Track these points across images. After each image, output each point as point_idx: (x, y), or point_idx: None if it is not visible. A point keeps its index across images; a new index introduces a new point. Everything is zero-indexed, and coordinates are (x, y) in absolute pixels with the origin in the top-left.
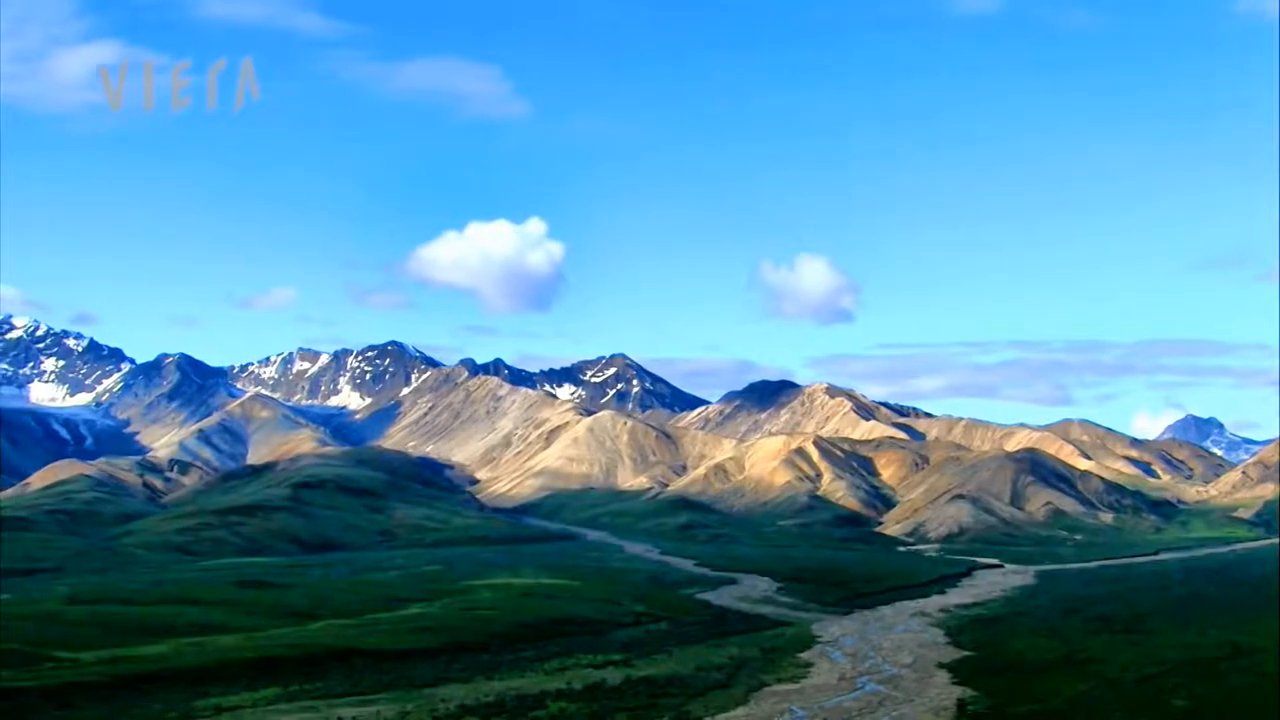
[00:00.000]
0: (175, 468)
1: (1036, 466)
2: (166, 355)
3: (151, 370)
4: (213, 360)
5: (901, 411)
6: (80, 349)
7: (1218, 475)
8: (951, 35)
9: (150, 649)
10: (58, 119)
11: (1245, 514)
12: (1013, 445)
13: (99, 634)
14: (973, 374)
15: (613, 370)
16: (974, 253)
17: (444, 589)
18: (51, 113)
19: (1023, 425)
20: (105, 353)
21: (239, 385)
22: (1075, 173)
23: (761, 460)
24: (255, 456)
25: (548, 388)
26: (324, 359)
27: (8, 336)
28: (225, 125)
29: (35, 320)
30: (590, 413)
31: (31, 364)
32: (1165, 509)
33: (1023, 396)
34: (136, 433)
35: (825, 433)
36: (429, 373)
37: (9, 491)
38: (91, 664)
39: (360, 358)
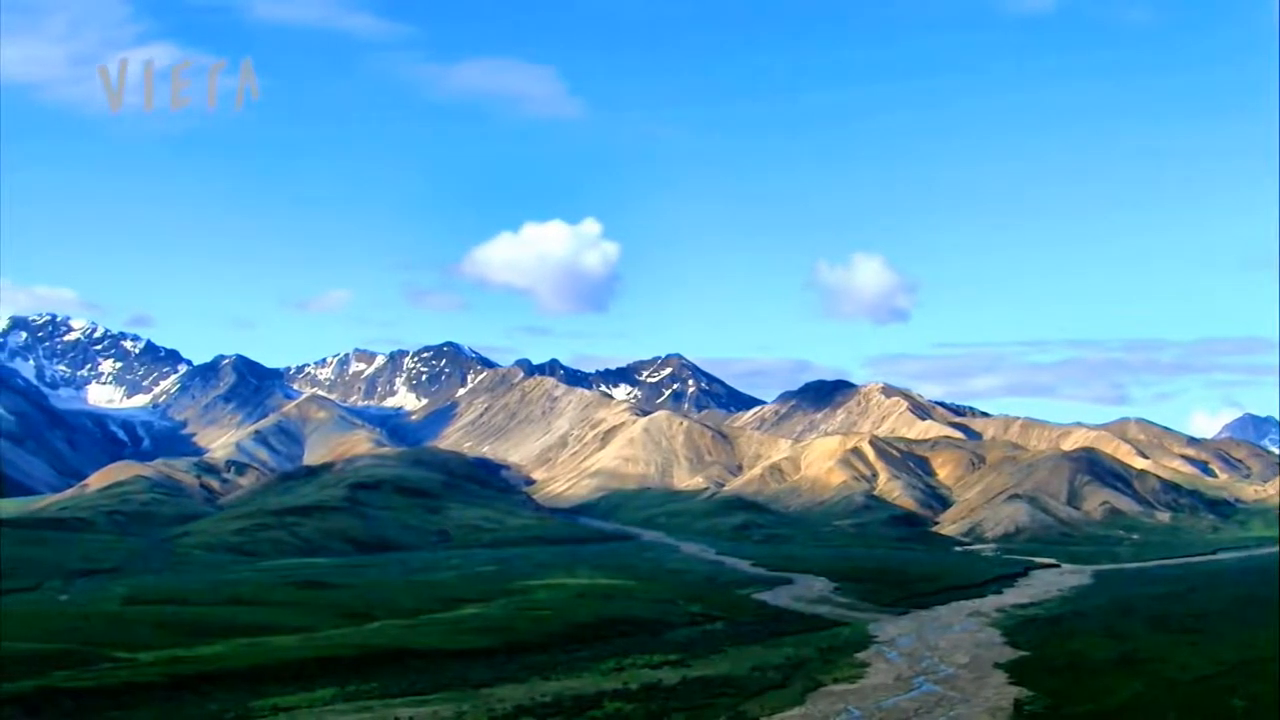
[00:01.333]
0: (232, 469)
1: (1093, 466)
2: (223, 357)
3: (208, 372)
4: (269, 362)
5: (958, 411)
6: (137, 350)
7: (1276, 474)
8: (1006, 33)
9: (208, 649)
10: (114, 121)
11: None
12: (1069, 444)
13: (157, 634)
14: (1029, 373)
15: (668, 370)
16: (1030, 251)
17: (500, 589)
18: (108, 115)
19: (1079, 424)
20: (162, 354)
21: (295, 386)
22: (1132, 170)
23: (817, 460)
24: (311, 457)
25: (603, 388)
26: (380, 360)
27: (66, 338)
28: (280, 127)
29: (93, 322)
30: (646, 413)
31: (89, 365)
32: (1223, 508)
33: (1079, 396)
34: (193, 434)
35: (881, 432)
36: (485, 373)
37: (68, 492)
38: (149, 664)
39: (416, 359)
